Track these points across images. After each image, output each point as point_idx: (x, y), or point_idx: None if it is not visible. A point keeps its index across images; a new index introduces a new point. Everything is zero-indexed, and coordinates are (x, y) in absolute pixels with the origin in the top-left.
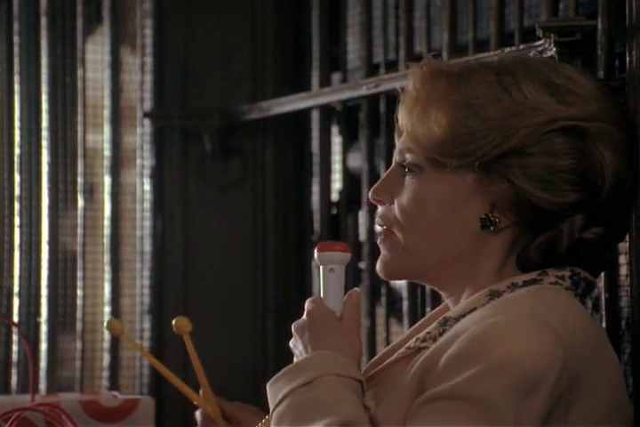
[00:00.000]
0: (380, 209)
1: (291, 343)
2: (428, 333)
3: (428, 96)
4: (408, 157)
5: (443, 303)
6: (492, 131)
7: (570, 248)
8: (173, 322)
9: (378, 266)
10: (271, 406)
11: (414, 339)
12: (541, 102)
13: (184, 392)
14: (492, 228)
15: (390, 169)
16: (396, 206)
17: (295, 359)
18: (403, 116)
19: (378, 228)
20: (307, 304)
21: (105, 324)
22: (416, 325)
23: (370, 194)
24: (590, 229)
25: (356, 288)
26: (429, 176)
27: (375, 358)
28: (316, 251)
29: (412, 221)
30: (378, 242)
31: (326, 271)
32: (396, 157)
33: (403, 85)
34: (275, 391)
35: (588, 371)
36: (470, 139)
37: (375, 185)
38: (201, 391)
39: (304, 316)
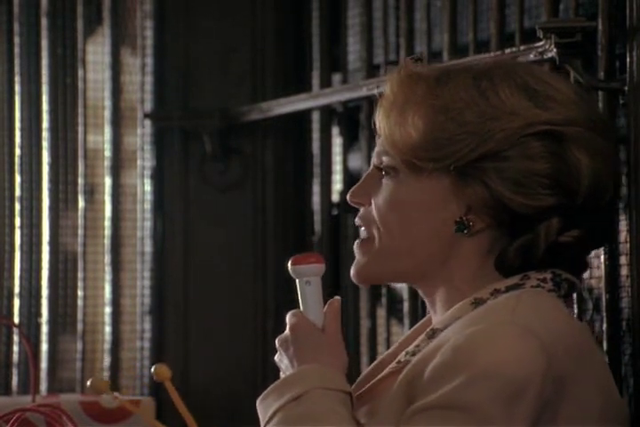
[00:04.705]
0: (360, 210)
1: (276, 358)
2: (417, 346)
3: (405, 100)
4: (385, 159)
5: (426, 316)
6: (469, 135)
7: (548, 251)
8: (152, 370)
9: (351, 271)
10: (262, 423)
11: (404, 353)
12: (518, 107)
13: None
14: (465, 231)
15: (368, 172)
16: (373, 208)
17: (281, 374)
18: (380, 120)
19: (362, 231)
20: (288, 318)
21: (88, 382)
22: (401, 339)
23: (348, 196)
24: (568, 232)
25: (336, 296)
26: (406, 179)
27: (364, 373)
28: (289, 265)
29: (387, 222)
30: (354, 247)
31: (302, 284)
32: (373, 160)
33: (381, 91)
34: (264, 408)
35: (573, 373)
36: (447, 143)
37: (353, 187)
38: None
39: (287, 330)
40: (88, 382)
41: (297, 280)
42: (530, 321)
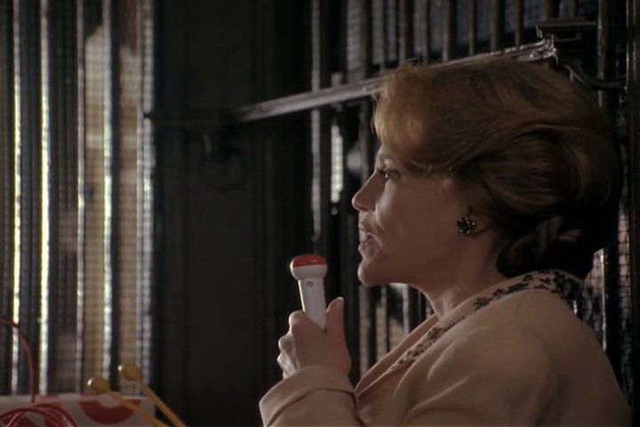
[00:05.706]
0: (362, 215)
1: (279, 359)
2: (420, 345)
3: (403, 102)
4: (387, 163)
5: (431, 316)
6: (467, 135)
7: (549, 250)
8: (119, 369)
9: (358, 272)
10: (265, 424)
11: (406, 352)
12: (516, 106)
13: None
14: (468, 231)
15: (372, 176)
16: (376, 212)
17: (284, 375)
18: (379, 123)
19: (362, 234)
20: (290, 319)
21: (89, 382)
22: (405, 338)
23: (353, 200)
24: (569, 231)
25: (339, 297)
26: (407, 182)
27: (367, 373)
28: (291, 266)
29: (391, 225)
30: (359, 249)
31: (305, 285)
32: (376, 164)
33: (378, 92)
34: (267, 409)
35: (576, 373)
36: (445, 143)
37: (358, 191)
38: None
39: (289, 331)
40: (88, 382)
41: (299, 281)
42: (533, 322)
